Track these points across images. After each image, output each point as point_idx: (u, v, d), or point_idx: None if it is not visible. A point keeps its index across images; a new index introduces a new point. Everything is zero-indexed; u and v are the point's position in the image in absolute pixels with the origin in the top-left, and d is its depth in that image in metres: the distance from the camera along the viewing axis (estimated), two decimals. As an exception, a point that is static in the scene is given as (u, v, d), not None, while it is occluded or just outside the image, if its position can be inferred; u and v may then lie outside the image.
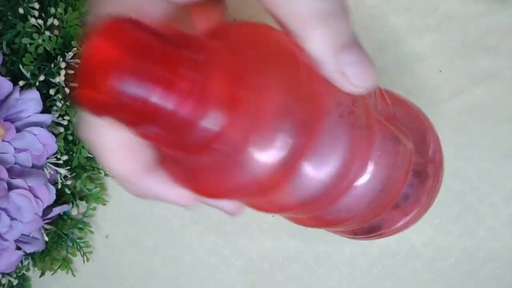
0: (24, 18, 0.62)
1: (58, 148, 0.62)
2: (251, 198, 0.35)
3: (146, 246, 0.70)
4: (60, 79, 0.62)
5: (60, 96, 0.62)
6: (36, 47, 0.61)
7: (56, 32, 0.64)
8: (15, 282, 0.64)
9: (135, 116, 0.24)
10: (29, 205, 0.59)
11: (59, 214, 0.66)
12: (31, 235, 0.62)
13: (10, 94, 0.59)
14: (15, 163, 0.60)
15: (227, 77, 0.25)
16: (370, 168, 0.37)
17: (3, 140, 0.59)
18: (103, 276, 0.70)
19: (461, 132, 0.68)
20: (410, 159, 0.42)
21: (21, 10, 0.61)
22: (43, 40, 0.61)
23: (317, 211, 0.39)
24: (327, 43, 0.27)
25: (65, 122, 0.64)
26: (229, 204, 0.36)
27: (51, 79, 0.62)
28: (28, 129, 0.60)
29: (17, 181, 0.59)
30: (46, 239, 0.63)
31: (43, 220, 0.62)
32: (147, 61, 0.23)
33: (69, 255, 0.68)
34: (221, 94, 0.25)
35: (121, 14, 0.23)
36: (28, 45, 0.61)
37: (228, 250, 0.69)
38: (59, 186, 0.64)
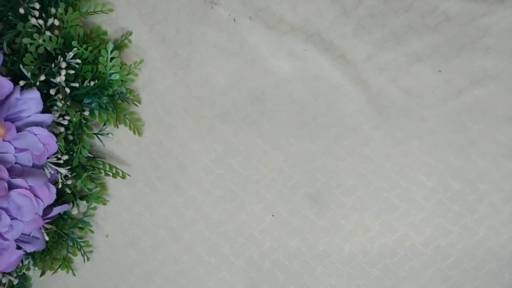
0: (24, 18, 0.62)
1: (59, 148, 0.63)
2: None
3: (146, 246, 0.70)
4: (60, 79, 0.62)
5: (60, 96, 0.62)
6: (37, 47, 0.62)
7: (56, 32, 0.64)
8: (15, 281, 0.65)
9: None
10: (30, 204, 0.59)
11: (59, 214, 0.66)
12: (31, 235, 0.62)
13: (10, 94, 0.59)
14: (15, 163, 0.60)
15: None
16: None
17: (3, 140, 0.59)
18: (103, 276, 0.70)
19: (460, 132, 0.68)
20: None
21: (21, 10, 0.61)
22: (44, 40, 0.62)
23: None
24: None
25: (65, 122, 0.64)
26: None
27: (51, 79, 0.63)
28: (28, 128, 0.60)
29: (18, 181, 0.59)
30: (47, 238, 0.63)
31: (44, 219, 0.62)
32: None
33: (70, 255, 0.68)
34: None
35: None
36: (28, 45, 0.61)
37: (228, 250, 0.69)
38: (60, 186, 0.64)
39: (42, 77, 0.62)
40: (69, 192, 0.66)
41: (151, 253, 0.70)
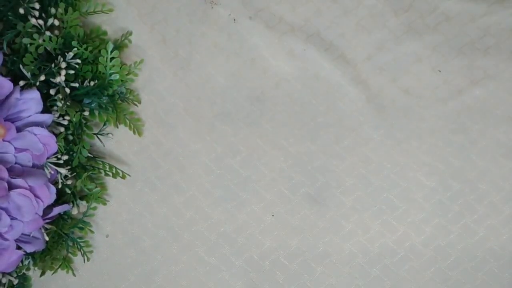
0: (24, 18, 0.62)
1: (59, 148, 0.63)
2: None
3: (146, 246, 0.70)
4: (60, 79, 0.62)
5: (60, 96, 0.62)
6: (37, 47, 0.62)
7: (56, 32, 0.64)
8: (15, 281, 0.65)
9: None
10: (30, 204, 0.59)
11: (59, 214, 0.66)
12: (31, 235, 0.63)
13: (10, 94, 0.59)
14: (15, 163, 0.60)
15: None
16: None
17: (3, 140, 0.59)
18: (103, 276, 0.70)
19: (460, 132, 0.68)
20: None
21: (21, 10, 0.61)
22: (44, 40, 0.62)
23: None
24: None
25: (65, 122, 0.64)
26: None
27: (51, 79, 0.63)
28: (28, 129, 0.60)
29: (18, 181, 0.59)
30: (47, 238, 0.64)
31: (44, 219, 0.62)
32: None
33: (70, 255, 0.68)
34: None
35: None
36: (28, 45, 0.61)
37: (228, 250, 0.69)
38: (60, 186, 0.64)
39: (42, 77, 0.62)
40: (69, 192, 0.66)
41: (151, 253, 0.70)
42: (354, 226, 0.68)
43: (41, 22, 0.61)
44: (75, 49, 0.64)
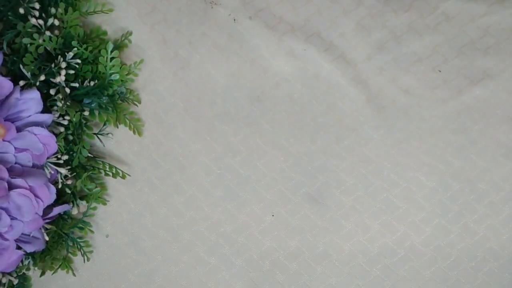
0: (24, 18, 0.62)
1: (59, 148, 0.63)
2: None
3: (146, 246, 0.70)
4: (60, 79, 0.62)
5: (60, 96, 0.62)
6: (37, 47, 0.62)
7: (56, 32, 0.64)
8: (15, 281, 0.65)
9: None
10: (30, 204, 0.59)
11: (59, 214, 0.66)
12: (31, 235, 0.62)
13: (10, 94, 0.59)
14: (15, 163, 0.60)
15: None
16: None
17: (3, 140, 0.59)
18: (103, 276, 0.70)
19: (460, 132, 0.68)
20: None
21: (21, 10, 0.61)
22: (44, 40, 0.62)
23: None
24: None
25: (65, 122, 0.64)
26: None
27: (51, 79, 0.63)
28: (28, 128, 0.60)
29: (18, 181, 0.59)
30: (47, 238, 0.64)
31: (44, 219, 0.62)
32: None
33: (70, 255, 0.68)
34: None
35: None
36: (28, 45, 0.61)
37: (228, 250, 0.69)
38: (60, 186, 0.64)
39: (42, 77, 0.62)
40: (69, 192, 0.66)
41: (151, 253, 0.70)
42: (354, 226, 0.68)
43: (41, 22, 0.61)
44: (75, 49, 0.64)
